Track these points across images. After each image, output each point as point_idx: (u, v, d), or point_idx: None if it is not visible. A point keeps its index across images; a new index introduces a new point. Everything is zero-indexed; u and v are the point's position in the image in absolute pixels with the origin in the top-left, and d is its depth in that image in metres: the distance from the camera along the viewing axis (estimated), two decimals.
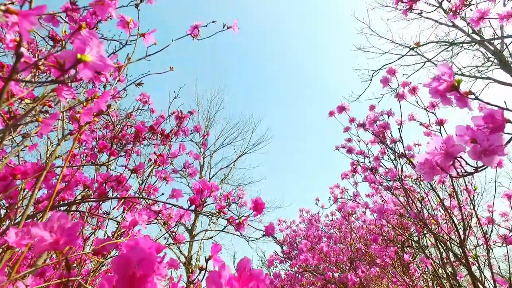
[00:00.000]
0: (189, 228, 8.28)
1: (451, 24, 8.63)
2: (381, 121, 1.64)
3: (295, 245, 3.96)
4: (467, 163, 0.61)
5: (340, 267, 3.00)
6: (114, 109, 2.13)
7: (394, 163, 1.80)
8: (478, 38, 7.59)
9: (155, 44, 0.97)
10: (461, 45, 8.11)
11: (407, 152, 1.82)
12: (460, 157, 0.59)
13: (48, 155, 1.68)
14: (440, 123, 1.87)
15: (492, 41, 7.45)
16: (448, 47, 8.47)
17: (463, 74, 8.17)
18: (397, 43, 8.88)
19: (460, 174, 0.64)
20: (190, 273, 6.32)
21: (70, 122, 0.90)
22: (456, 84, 0.51)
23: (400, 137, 1.58)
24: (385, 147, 1.76)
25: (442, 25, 8.77)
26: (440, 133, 1.58)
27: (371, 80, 8.90)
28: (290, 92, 20.79)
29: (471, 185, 2.62)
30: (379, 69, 8.84)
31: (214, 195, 2.53)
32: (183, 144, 1.79)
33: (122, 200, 1.11)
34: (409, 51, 8.71)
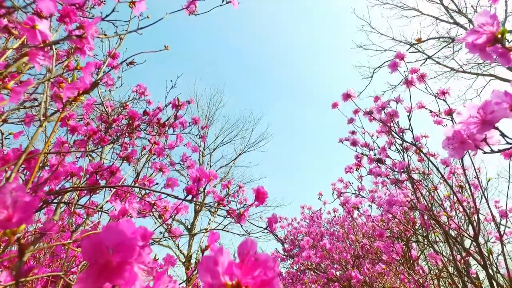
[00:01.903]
0: (189, 227, 8.21)
1: (452, 21, 8.55)
2: (389, 109, 1.56)
3: (296, 242, 3.87)
4: (504, 135, 0.52)
5: (343, 265, 2.92)
6: (109, 99, 2.05)
7: (402, 154, 1.71)
8: None
9: (148, 17, 0.89)
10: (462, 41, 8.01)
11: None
12: (497, 128, 0.51)
13: (46, 146, 1.60)
14: (450, 112, 1.78)
15: None
16: (449, 44, 8.41)
17: (464, 71, 8.10)
18: (398, 40, 8.83)
19: (496, 150, 0.56)
20: (189, 270, 6.24)
21: (54, 102, 0.82)
22: (500, 36, 0.42)
23: (410, 124, 1.50)
24: (392, 136, 1.68)
25: (443, 22, 8.70)
26: (452, 122, 1.50)
27: (372, 77, 8.86)
28: (291, 90, 20.72)
29: (478, 180, 2.56)
30: (380, 66, 8.79)
31: (214, 191, 2.42)
32: (180, 135, 1.70)
33: (114, 189, 1.03)
34: (410, 48, 8.64)
